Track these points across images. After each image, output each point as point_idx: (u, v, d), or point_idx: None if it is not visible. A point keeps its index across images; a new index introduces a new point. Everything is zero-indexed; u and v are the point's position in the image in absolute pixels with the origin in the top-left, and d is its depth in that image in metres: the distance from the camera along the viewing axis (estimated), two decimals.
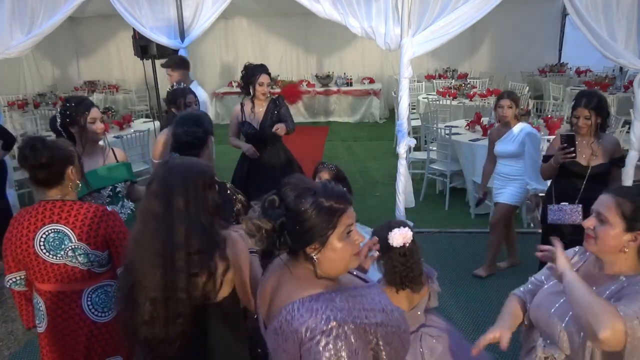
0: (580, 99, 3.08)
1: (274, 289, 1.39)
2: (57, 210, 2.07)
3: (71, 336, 2.14)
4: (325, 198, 1.29)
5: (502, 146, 3.97)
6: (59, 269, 2.08)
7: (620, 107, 7.34)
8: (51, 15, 4.95)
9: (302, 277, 1.34)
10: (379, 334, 1.26)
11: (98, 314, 2.15)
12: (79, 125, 2.65)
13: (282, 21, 11.77)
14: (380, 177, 6.65)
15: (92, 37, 12.15)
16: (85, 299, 2.13)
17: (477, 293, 3.91)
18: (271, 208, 1.31)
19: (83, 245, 2.06)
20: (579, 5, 4.17)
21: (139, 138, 6.08)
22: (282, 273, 1.39)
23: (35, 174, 2.06)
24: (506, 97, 3.92)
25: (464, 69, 11.22)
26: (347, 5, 4.57)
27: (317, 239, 1.29)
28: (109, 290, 2.17)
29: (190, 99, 3.52)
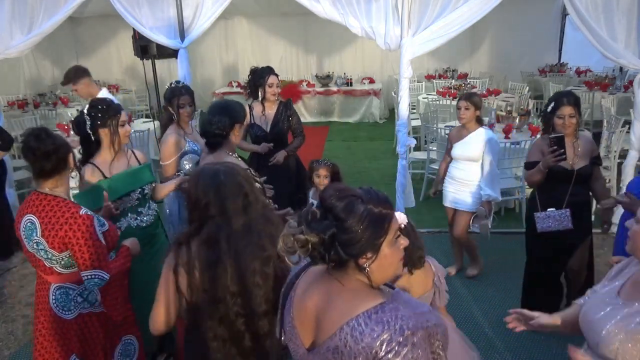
0: (561, 99, 3.03)
1: (321, 307, 1.30)
2: (37, 202, 2.15)
3: (39, 318, 2.26)
4: (374, 204, 1.23)
5: (461, 149, 3.84)
6: (33, 257, 2.20)
7: (620, 107, 7.33)
8: (51, 15, 4.95)
9: (356, 289, 1.26)
10: (439, 335, 1.23)
11: (60, 310, 2.23)
12: (111, 128, 2.63)
13: (282, 21, 11.77)
14: (380, 177, 6.65)
15: (92, 37, 12.14)
16: (51, 292, 2.23)
17: (476, 292, 3.91)
18: (316, 220, 1.23)
19: (43, 241, 2.13)
20: (579, 5, 4.18)
21: (138, 138, 6.08)
22: (331, 289, 1.30)
23: (41, 164, 2.12)
24: (463, 99, 3.77)
25: (464, 69, 11.22)
26: (347, 5, 4.57)
27: (371, 248, 1.23)
28: (70, 293, 2.23)
29: (184, 100, 3.43)
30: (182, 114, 3.43)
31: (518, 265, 4.10)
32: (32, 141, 2.09)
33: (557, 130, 3.04)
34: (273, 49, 12.29)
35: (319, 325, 1.30)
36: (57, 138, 2.17)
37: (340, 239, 1.21)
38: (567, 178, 3.04)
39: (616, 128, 5.60)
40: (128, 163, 2.77)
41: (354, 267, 1.25)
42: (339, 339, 1.22)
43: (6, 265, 4.68)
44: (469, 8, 4.30)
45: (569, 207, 3.05)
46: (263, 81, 3.87)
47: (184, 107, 3.43)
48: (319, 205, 1.26)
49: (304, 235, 1.22)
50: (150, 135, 6.31)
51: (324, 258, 1.24)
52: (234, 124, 2.70)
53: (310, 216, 1.24)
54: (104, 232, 2.21)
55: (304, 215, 1.26)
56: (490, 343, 3.30)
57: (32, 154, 2.10)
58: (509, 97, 8.41)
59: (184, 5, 4.95)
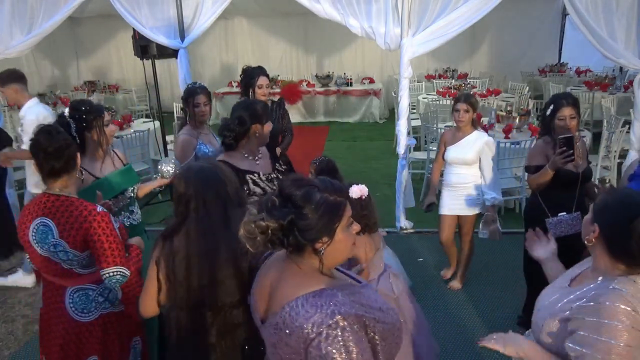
0: (560, 101, 2.97)
1: (274, 285, 1.41)
2: (49, 204, 2.10)
3: (52, 327, 2.21)
4: (329, 193, 1.33)
5: (456, 152, 3.69)
6: (46, 262, 2.13)
7: (620, 107, 7.33)
8: (51, 15, 4.95)
9: (304, 273, 1.36)
10: (376, 329, 1.30)
11: (78, 314, 2.17)
12: (97, 129, 2.62)
13: (282, 21, 11.77)
14: (380, 177, 6.64)
15: (92, 37, 12.15)
16: (67, 296, 2.17)
17: (476, 292, 3.91)
18: (275, 208, 1.31)
19: (63, 243, 2.08)
20: (579, 5, 4.18)
21: (139, 138, 6.08)
22: (285, 269, 1.40)
23: (52, 163, 2.07)
24: (463, 100, 3.62)
25: (464, 69, 11.22)
26: (347, 5, 4.57)
27: (327, 232, 1.32)
28: (90, 294, 2.18)
29: (199, 100, 3.45)
30: (198, 114, 3.46)
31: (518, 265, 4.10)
32: (43, 138, 2.05)
33: (558, 132, 2.96)
34: (273, 49, 12.29)
35: (270, 302, 1.41)
36: (66, 135, 2.17)
37: (299, 224, 1.29)
38: (574, 181, 2.98)
39: (616, 128, 5.60)
40: (113, 163, 2.78)
41: (310, 252, 1.34)
42: (280, 316, 1.31)
43: (6, 265, 4.68)
44: (468, 8, 4.30)
45: (579, 209, 2.98)
46: (253, 82, 3.84)
47: (199, 106, 3.46)
48: (278, 194, 1.34)
49: (265, 221, 1.29)
50: (151, 135, 6.32)
51: (283, 243, 1.32)
52: (251, 125, 2.67)
53: (270, 204, 1.32)
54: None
55: (264, 203, 1.33)
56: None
57: (43, 151, 2.05)
58: (509, 97, 8.41)
59: (184, 5, 4.95)
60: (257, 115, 2.68)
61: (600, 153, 5.43)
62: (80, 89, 11.15)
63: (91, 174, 2.63)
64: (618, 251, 1.49)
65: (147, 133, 6.17)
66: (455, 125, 3.75)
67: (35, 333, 3.67)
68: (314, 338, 1.24)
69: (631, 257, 1.46)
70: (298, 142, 4.30)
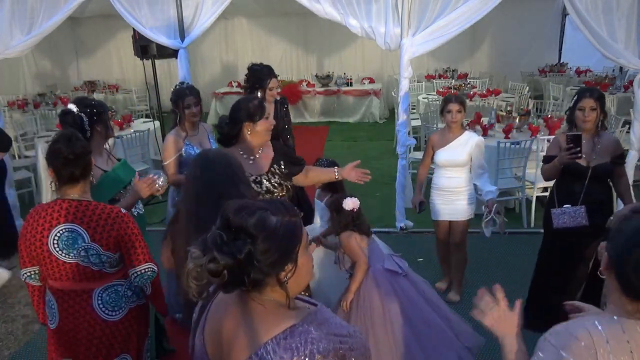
0: (584, 92, 3.06)
1: (231, 331, 1.23)
2: (72, 210, 2.08)
3: (83, 333, 2.16)
4: (282, 214, 1.19)
5: (448, 154, 3.58)
6: (72, 268, 2.09)
7: (620, 107, 7.34)
8: (51, 15, 4.95)
9: (267, 311, 1.20)
10: (352, 358, 1.19)
11: (108, 312, 2.17)
12: (105, 123, 2.74)
13: (282, 21, 11.77)
14: (380, 177, 6.64)
15: (92, 37, 12.15)
16: (95, 298, 2.15)
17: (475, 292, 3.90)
18: (226, 243, 1.14)
19: (95, 246, 2.08)
20: (579, 6, 4.17)
21: (139, 138, 6.08)
22: (242, 310, 1.22)
23: (72, 170, 2.07)
24: (454, 100, 3.52)
25: (464, 69, 11.22)
26: (347, 5, 4.57)
27: (289, 258, 1.18)
28: (119, 289, 2.20)
29: (189, 101, 3.44)
30: (188, 115, 3.43)
31: (518, 265, 4.11)
32: (64, 146, 2.04)
33: (578, 124, 3.04)
34: (273, 49, 12.29)
35: (228, 352, 1.22)
36: (85, 142, 2.18)
37: (258, 256, 1.14)
38: (582, 175, 3.03)
39: (616, 128, 5.60)
40: (110, 159, 2.83)
41: (271, 285, 1.19)
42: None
43: (6, 265, 4.68)
44: (469, 8, 4.30)
45: (584, 204, 3.03)
46: (264, 84, 3.78)
47: (189, 107, 3.44)
48: (220, 227, 1.18)
49: (216, 262, 1.12)
50: (150, 135, 6.32)
51: (242, 282, 1.16)
52: (242, 123, 2.59)
53: (218, 240, 1.15)
54: None
55: (210, 241, 1.15)
56: (490, 343, 3.29)
57: (64, 158, 2.04)
58: (509, 97, 8.41)
59: (184, 5, 4.95)
60: (249, 113, 2.57)
61: None
62: (80, 89, 11.16)
63: (99, 167, 2.67)
64: (627, 285, 1.28)
65: (147, 133, 6.17)
66: (446, 126, 3.63)
67: (35, 333, 3.67)
68: None
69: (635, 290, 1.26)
70: (298, 142, 4.28)
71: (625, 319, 1.29)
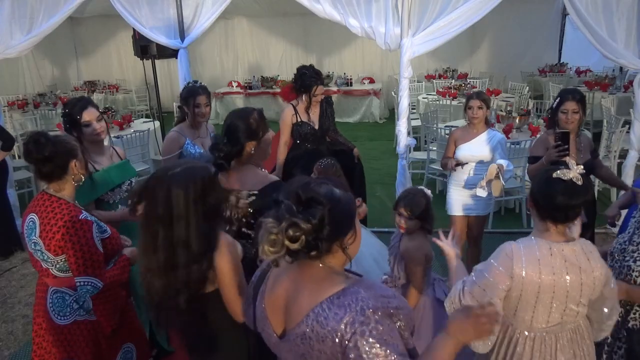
0: (566, 95, 3.11)
1: (289, 296, 1.37)
2: (41, 202, 2.14)
3: (37, 319, 2.24)
4: (339, 187, 1.34)
5: (470, 150, 3.60)
6: (32, 257, 2.18)
7: (620, 107, 7.33)
8: (51, 15, 4.95)
9: (321, 277, 1.33)
10: (400, 317, 1.29)
11: (56, 315, 2.18)
12: (79, 130, 2.65)
13: (282, 21, 11.77)
14: (380, 177, 6.64)
15: (92, 37, 12.15)
16: (49, 296, 2.20)
17: None
18: (300, 211, 1.25)
19: (40, 242, 2.11)
20: (579, 5, 4.17)
21: (139, 138, 6.08)
22: (297, 276, 1.37)
23: (39, 167, 2.13)
24: (475, 97, 3.58)
25: (464, 69, 11.21)
26: (347, 5, 4.57)
27: (352, 225, 1.33)
28: (66, 298, 2.17)
29: (199, 100, 3.36)
30: (198, 114, 3.37)
31: None
32: (31, 146, 2.08)
33: (561, 125, 3.09)
34: (273, 49, 12.29)
35: (288, 314, 1.37)
36: (58, 144, 2.12)
37: (332, 221, 1.26)
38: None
39: (616, 128, 5.60)
40: (112, 158, 2.81)
41: (335, 250, 1.31)
42: (306, 325, 1.28)
43: (6, 265, 4.68)
44: (468, 8, 4.30)
45: None
46: (311, 90, 3.94)
47: (199, 107, 3.36)
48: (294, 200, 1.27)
49: (299, 226, 1.22)
50: (150, 135, 6.32)
51: (317, 247, 1.26)
52: (245, 143, 2.26)
53: (294, 208, 1.26)
54: (104, 239, 2.17)
55: (286, 211, 1.25)
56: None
57: (34, 159, 2.10)
58: (509, 97, 8.41)
59: (184, 5, 4.95)
60: (251, 131, 2.26)
61: (601, 153, 5.43)
62: (80, 89, 11.15)
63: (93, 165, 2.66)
64: (537, 206, 1.84)
65: (147, 133, 6.17)
66: (469, 122, 3.65)
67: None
68: (350, 338, 1.21)
69: (541, 206, 1.81)
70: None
71: (538, 238, 1.83)
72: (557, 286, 1.76)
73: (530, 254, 1.78)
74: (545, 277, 1.75)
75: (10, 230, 4.87)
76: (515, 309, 1.83)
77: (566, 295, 1.77)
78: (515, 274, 1.77)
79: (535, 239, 1.83)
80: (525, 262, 1.77)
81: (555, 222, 1.81)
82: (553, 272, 1.75)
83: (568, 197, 1.75)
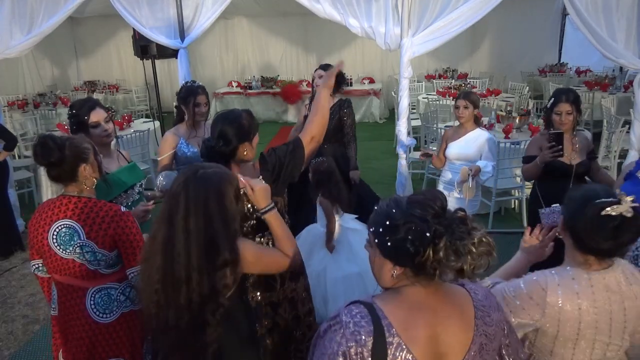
0: (559, 96, 3.09)
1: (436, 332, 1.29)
2: (71, 206, 2.09)
3: (74, 329, 2.17)
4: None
5: (458, 148, 3.73)
6: (68, 264, 2.10)
7: (620, 107, 7.33)
8: (51, 15, 4.95)
9: (453, 291, 1.37)
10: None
11: (100, 315, 2.15)
12: (86, 129, 2.63)
13: (282, 21, 11.77)
14: (380, 177, 6.64)
15: (92, 37, 12.15)
16: (88, 298, 2.14)
17: None
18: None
19: (91, 243, 2.07)
20: (579, 5, 4.17)
21: (139, 138, 6.08)
22: (436, 304, 1.30)
23: (49, 170, 2.10)
24: (462, 97, 3.72)
25: (464, 69, 11.22)
26: (347, 5, 4.57)
27: None
28: (112, 293, 2.16)
29: (200, 100, 3.37)
30: (197, 114, 3.37)
31: None
32: (39, 150, 2.04)
33: (555, 126, 3.09)
34: (273, 49, 12.29)
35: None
36: (67, 148, 2.06)
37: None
38: (567, 173, 3.08)
39: (616, 128, 5.60)
40: (118, 161, 2.78)
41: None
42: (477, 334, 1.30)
43: (6, 265, 4.68)
44: (469, 8, 4.30)
45: None
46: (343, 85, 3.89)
47: (199, 106, 3.37)
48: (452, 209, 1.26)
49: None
50: (150, 135, 6.32)
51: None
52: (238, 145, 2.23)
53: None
54: None
55: (465, 220, 1.24)
56: None
57: (38, 160, 2.07)
58: (509, 97, 8.41)
59: (184, 5, 4.95)
60: (244, 132, 2.23)
61: (601, 153, 5.43)
62: (80, 89, 11.15)
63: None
64: (577, 239, 1.58)
65: (147, 133, 6.17)
66: (458, 122, 3.81)
67: (35, 333, 3.67)
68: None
69: (583, 243, 1.56)
70: None
71: (575, 269, 1.61)
72: (599, 321, 1.56)
73: (567, 286, 1.57)
74: (586, 312, 1.55)
75: (11, 230, 4.86)
76: (553, 347, 1.63)
77: (609, 329, 1.57)
78: (549, 308, 1.56)
79: (571, 270, 1.61)
80: (562, 296, 1.56)
81: (599, 257, 1.59)
82: (595, 306, 1.55)
83: (619, 236, 1.51)
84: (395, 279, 1.26)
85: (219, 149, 2.21)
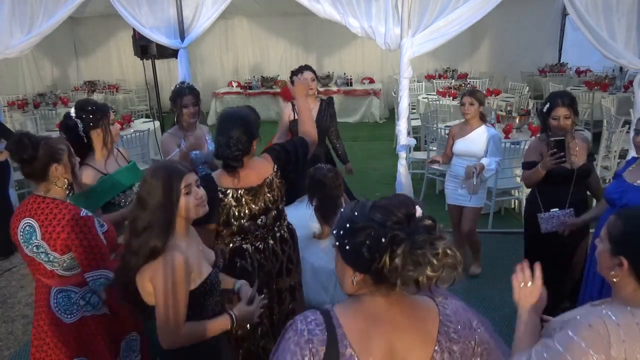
0: (555, 100, 3.02)
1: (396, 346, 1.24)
2: (35, 205, 2.14)
3: (42, 322, 2.23)
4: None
5: (464, 145, 3.87)
6: (33, 261, 2.18)
7: (620, 107, 7.33)
8: (51, 15, 4.95)
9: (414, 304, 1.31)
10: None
11: (62, 314, 2.20)
12: (103, 128, 2.67)
13: (282, 21, 11.77)
14: (380, 177, 6.64)
15: (92, 37, 12.14)
16: (52, 296, 2.20)
17: (476, 292, 3.91)
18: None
19: (44, 244, 2.11)
20: (579, 5, 4.17)
21: (139, 138, 6.08)
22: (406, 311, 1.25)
23: (22, 167, 2.15)
24: (468, 95, 3.84)
25: (464, 69, 11.21)
26: (347, 5, 4.57)
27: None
28: (72, 296, 2.20)
29: (186, 101, 3.41)
30: (185, 115, 3.42)
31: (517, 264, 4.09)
32: (13, 146, 2.10)
33: (553, 130, 3.04)
34: (273, 49, 12.28)
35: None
36: (41, 147, 2.11)
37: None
38: (568, 178, 3.05)
39: (616, 128, 5.60)
40: (117, 161, 2.82)
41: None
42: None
43: (6, 265, 4.68)
44: (469, 8, 4.30)
45: (572, 206, 3.04)
46: (300, 75, 3.71)
47: (187, 107, 3.42)
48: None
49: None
50: (150, 135, 6.32)
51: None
52: (251, 141, 2.37)
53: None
54: (103, 233, 2.20)
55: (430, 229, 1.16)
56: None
57: (12, 156, 2.13)
58: (509, 97, 8.41)
59: (184, 5, 4.95)
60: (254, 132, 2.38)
61: (600, 153, 5.43)
62: (80, 89, 11.15)
63: (99, 170, 2.66)
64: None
65: (147, 133, 6.17)
66: (464, 119, 3.92)
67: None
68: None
69: None
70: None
71: (636, 309, 1.38)
72: None
73: (629, 329, 1.34)
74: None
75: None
76: None
77: None
78: (613, 358, 1.31)
79: (631, 309, 1.39)
80: (627, 341, 1.32)
81: None
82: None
83: None
84: (356, 285, 1.21)
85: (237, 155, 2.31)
